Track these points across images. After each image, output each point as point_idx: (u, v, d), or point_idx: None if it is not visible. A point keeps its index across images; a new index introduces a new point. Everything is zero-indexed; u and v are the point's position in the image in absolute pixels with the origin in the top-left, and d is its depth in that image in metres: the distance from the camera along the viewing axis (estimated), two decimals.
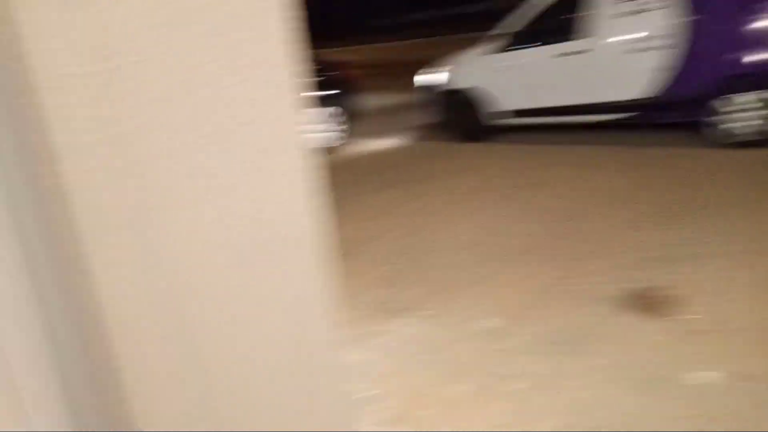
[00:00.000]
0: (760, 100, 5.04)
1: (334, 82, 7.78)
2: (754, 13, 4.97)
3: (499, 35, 6.62)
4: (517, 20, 6.50)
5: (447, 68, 7.27)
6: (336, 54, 11.08)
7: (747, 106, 5.11)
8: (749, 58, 5.02)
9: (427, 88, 7.47)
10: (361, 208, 5.29)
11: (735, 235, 3.66)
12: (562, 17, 6.43)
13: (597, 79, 5.92)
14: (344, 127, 7.87)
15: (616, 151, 5.71)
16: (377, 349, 3.07)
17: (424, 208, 5.06)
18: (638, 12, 5.55)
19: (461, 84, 7.01)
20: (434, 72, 7.38)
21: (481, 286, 3.57)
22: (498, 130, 6.96)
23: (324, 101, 7.54)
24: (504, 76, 6.60)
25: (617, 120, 5.93)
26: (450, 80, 7.15)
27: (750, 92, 5.07)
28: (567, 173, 5.36)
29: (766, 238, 3.56)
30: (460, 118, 7.15)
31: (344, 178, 6.40)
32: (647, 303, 3.11)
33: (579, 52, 5.96)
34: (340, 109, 7.77)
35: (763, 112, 5.06)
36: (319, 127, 7.44)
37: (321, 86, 7.55)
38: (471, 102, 6.95)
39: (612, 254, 3.69)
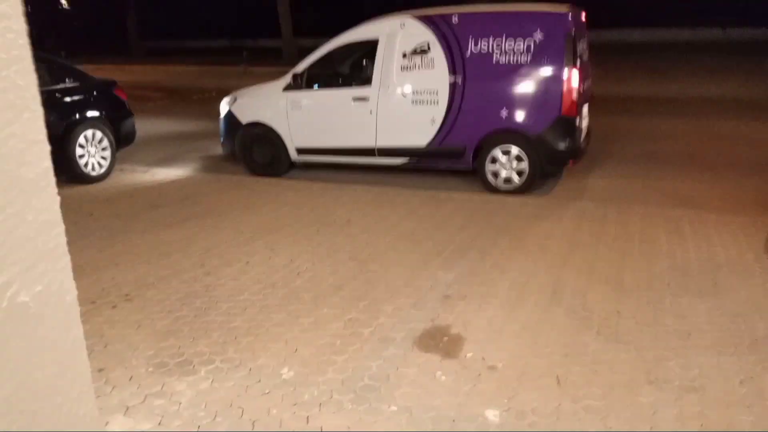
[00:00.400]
0: (507, 154, 5.80)
1: (99, 102, 6.93)
2: (512, 78, 5.73)
3: (296, 73, 6.62)
4: (312, 61, 6.58)
5: (245, 98, 7.01)
6: (104, 71, 9.93)
7: (502, 159, 5.85)
8: (505, 117, 5.77)
9: (224, 118, 7.10)
10: (150, 246, 4.70)
11: (505, 273, 4.06)
12: (349, 65, 6.76)
13: (381, 125, 6.26)
14: (108, 153, 6.91)
15: (407, 192, 6.03)
16: (152, 416, 2.65)
17: (220, 245, 4.69)
18: (420, 68, 6.03)
19: (257, 117, 6.82)
20: (232, 101, 7.06)
21: (277, 332, 3.36)
22: (294, 166, 6.91)
23: (85, 124, 6.64)
24: (297, 113, 6.61)
25: (398, 165, 6.34)
26: (246, 111, 6.90)
27: (503, 146, 5.80)
28: (359, 213, 5.49)
29: (526, 277, 4.02)
30: (257, 151, 6.93)
31: (128, 211, 5.66)
32: (434, 343, 3.23)
33: (365, 99, 6.24)
34: (101, 133, 6.83)
35: (515, 165, 5.82)
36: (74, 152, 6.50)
37: (80, 107, 6.68)
38: (267, 136, 6.79)
39: (403, 295, 3.80)
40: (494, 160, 5.91)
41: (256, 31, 30.50)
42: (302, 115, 6.60)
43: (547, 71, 5.63)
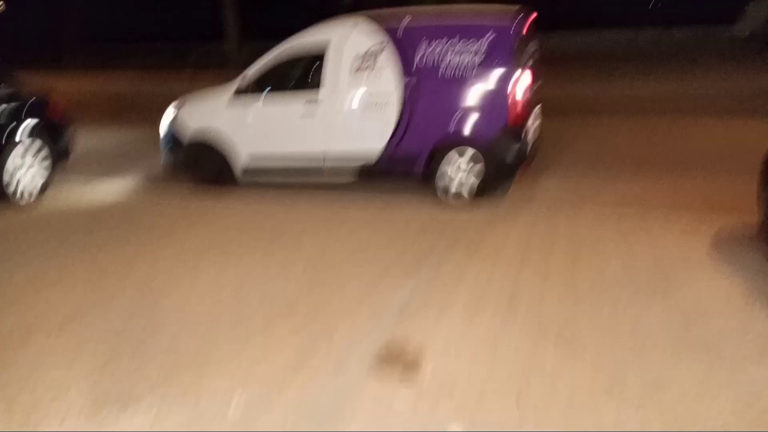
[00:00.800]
0: (459, 160, 5.75)
1: (30, 113, 6.46)
2: (460, 87, 5.69)
3: (243, 79, 6.39)
4: (261, 66, 6.37)
5: (189, 106, 6.71)
6: (37, 80, 9.37)
7: (454, 166, 5.79)
8: (455, 125, 5.72)
9: (168, 127, 6.77)
10: (88, 268, 4.41)
11: (461, 282, 4.00)
12: (299, 69, 6.57)
13: (331, 130, 6.10)
14: (47, 164, 6.49)
15: (360, 205, 5.90)
16: None
17: (163, 266, 4.45)
18: (371, 72, 5.91)
19: (203, 125, 6.54)
20: (176, 109, 6.74)
21: (226, 357, 3.18)
22: (243, 176, 6.64)
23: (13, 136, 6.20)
24: (244, 120, 6.38)
25: (351, 172, 6.17)
26: (192, 120, 6.61)
27: (454, 153, 5.75)
28: (312, 226, 5.34)
29: (482, 286, 3.97)
30: (202, 162, 6.64)
31: (65, 231, 5.32)
32: (393, 360, 3.12)
33: (316, 103, 6.08)
34: (41, 141, 6.41)
35: (467, 172, 5.76)
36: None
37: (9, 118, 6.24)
38: (213, 145, 6.53)
39: (359, 310, 3.68)
40: (446, 168, 5.85)
41: (202, 33, 29.69)
42: (250, 122, 6.37)
43: (493, 81, 5.60)
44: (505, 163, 5.75)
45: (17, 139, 6.22)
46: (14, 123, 6.25)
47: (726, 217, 4.92)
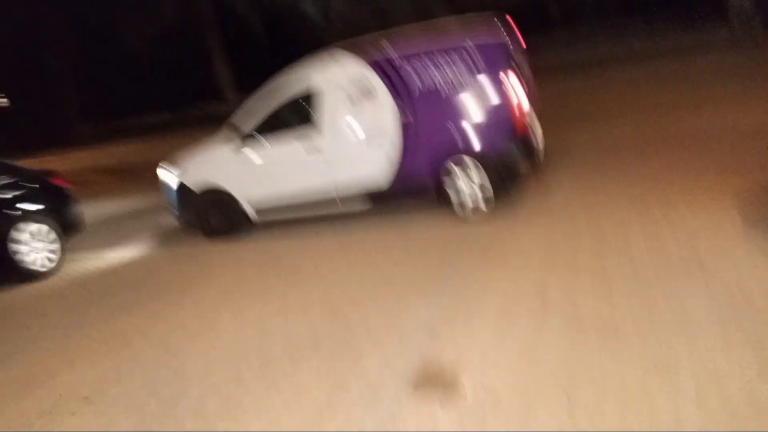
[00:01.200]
0: (468, 177, 5.64)
1: (37, 195, 6.59)
2: (460, 106, 5.62)
3: (238, 130, 6.40)
4: (256, 117, 6.37)
5: (191, 165, 6.72)
6: (37, 163, 9.52)
7: (466, 181, 5.67)
8: (460, 144, 5.63)
9: (170, 188, 6.78)
10: (107, 337, 4.32)
11: (489, 294, 3.85)
12: (297, 112, 6.56)
13: (337, 172, 6.04)
14: (57, 245, 6.56)
15: (374, 234, 5.79)
16: None
17: (183, 321, 4.35)
18: (367, 107, 5.87)
19: (208, 181, 6.53)
20: (175, 169, 6.76)
21: (257, 408, 3.05)
22: (258, 216, 6.58)
23: (26, 220, 6.31)
24: (246, 171, 6.37)
25: (362, 209, 6.11)
26: (196, 178, 6.61)
27: (463, 172, 5.64)
28: (328, 261, 5.23)
29: (511, 293, 3.81)
30: (213, 217, 6.62)
31: (82, 303, 5.26)
32: (429, 382, 2.96)
33: (317, 147, 6.04)
34: (47, 226, 6.52)
35: (478, 188, 5.65)
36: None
37: (19, 202, 6.35)
38: (222, 199, 6.51)
39: (386, 337, 3.54)
40: (459, 183, 5.73)
41: (197, 96, 30.24)
42: (255, 172, 6.35)
43: (492, 92, 5.52)
44: (517, 169, 5.65)
45: (27, 223, 6.31)
46: (23, 208, 6.35)
47: (744, 182, 4.74)
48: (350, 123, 5.94)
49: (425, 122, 5.71)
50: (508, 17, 6.05)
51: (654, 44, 18.11)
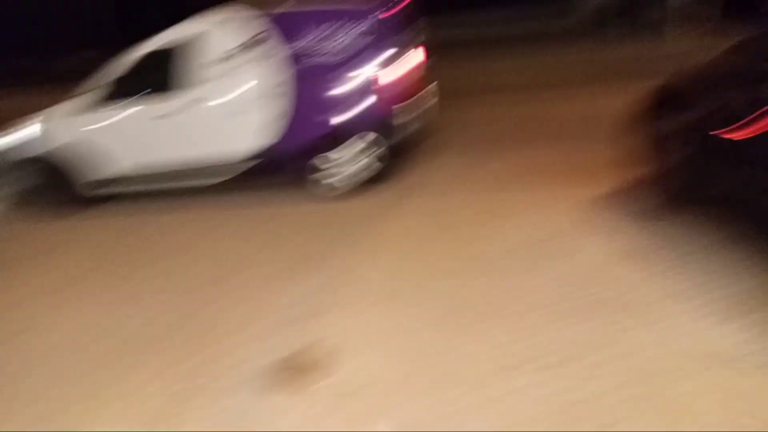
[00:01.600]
0: (342, 152, 5.45)
1: None
2: (338, 78, 5.38)
3: (90, 90, 5.63)
4: (111, 74, 5.64)
5: (30, 126, 5.82)
6: None
7: (338, 162, 5.49)
8: (336, 117, 5.41)
9: (7, 151, 5.82)
10: None
11: (361, 277, 3.67)
12: (163, 71, 5.91)
13: (203, 137, 5.54)
14: None
15: (238, 214, 5.36)
16: None
17: (6, 309, 3.69)
18: (241, 67, 5.43)
19: (49, 145, 5.69)
20: (13, 131, 5.82)
21: (83, 408, 2.61)
22: (102, 198, 5.85)
23: None
24: (100, 136, 5.63)
25: (229, 177, 5.66)
26: (34, 141, 5.73)
27: (337, 147, 5.45)
28: (186, 243, 4.74)
29: (382, 278, 3.66)
30: (52, 185, 5.79)
31: None
32: (295, 373, 2.72)
33: (183, 110, 5.49)
34: None
35: (352, 162, 5.49)
36: None
37: None
38: (64, 166, 5.70)
39: (251, 326, 3.23)
40: (336, 157, 5.51)
41: (74, 43, 26.42)
42: (110, 136, 5.62)
43: (376, 64, 5.34)
44: (396, 144, 5.53)
45: None
46: None
47: (606, 178, 5.01)
48: (231, 86, 5.45)
49: (308, 92, 5.38)
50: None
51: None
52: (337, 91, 5.41)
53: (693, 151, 3.64)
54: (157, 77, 5.77)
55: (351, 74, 5.38)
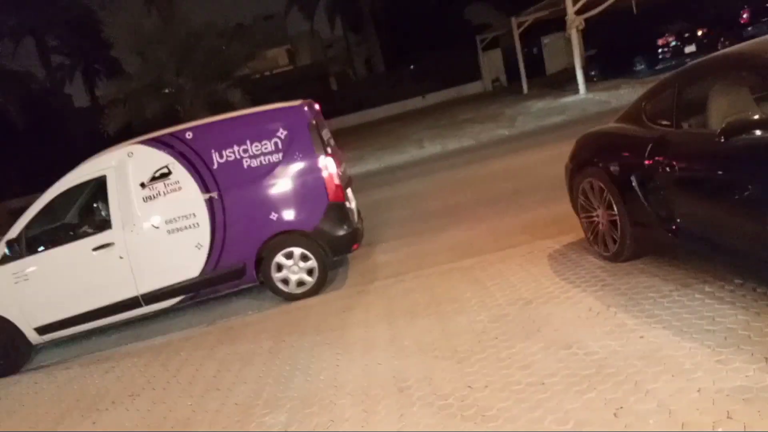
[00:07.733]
0: (291, 256, 5.45)
1: None
2: (270, 180, 5.42)
3: (10, 240, 5.31)
4: (29, 220, 5.38)
5: None
6: None
7: (287, 263, 5.45)
8: (276, 220, 5.42)
9: None
10: None
11: (341, 385, 3.56)
12: (82, 210, 5.81)
13: (139, 269, 5.34)
14: None
15: (195, 335, 5.13)
16: None
17: None
18: (166, 194, 5.36)
19: None
20: None
21: None
22: (41, 336, 5.43)
23: None
24: (26, 287, 5.31)
25: (172, 306, 5.51)
26: None
27: (284, 251, 5.45)
28: (141, 383, 4.45)
29: (364, 380, 3.58)
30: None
31: None
32: None
33: (110, 245, 5.30)
34: None
35: (303, 265, 5.46)
36: None
37: None
38: None
39: None
40: (280, 267, 5.46)
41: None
42: (35, 287, 5.30)
43: (302, 164, 5.47)
44: (339, 241, 5.57)
45: None
46: None
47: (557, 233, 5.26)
48: (148, 211, 5.34)
49: (235, 201, 5.39)
50: (314, 101, 6.10)
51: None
52: (272, 198, 5.44)
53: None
54: (80, 217, 5.68)
55: (286, 178, 5.45)
